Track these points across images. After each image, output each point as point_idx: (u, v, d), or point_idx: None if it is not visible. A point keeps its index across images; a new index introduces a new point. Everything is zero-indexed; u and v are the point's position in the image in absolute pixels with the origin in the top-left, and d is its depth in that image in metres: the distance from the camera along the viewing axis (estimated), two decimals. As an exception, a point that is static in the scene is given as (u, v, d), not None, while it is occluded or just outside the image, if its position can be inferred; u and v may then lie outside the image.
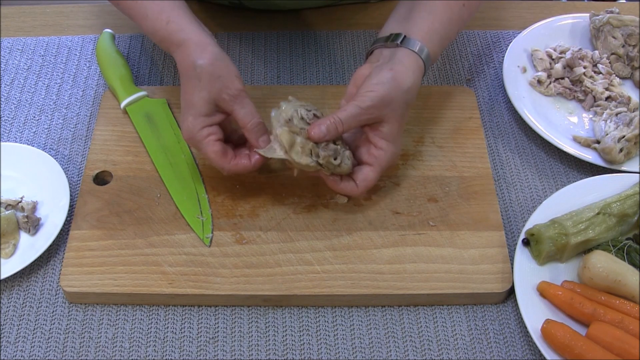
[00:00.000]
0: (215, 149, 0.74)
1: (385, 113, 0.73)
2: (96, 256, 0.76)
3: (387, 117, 0.74)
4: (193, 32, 0.76)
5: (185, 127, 0.75)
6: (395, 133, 0.75)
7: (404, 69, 0.75)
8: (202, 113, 0.74)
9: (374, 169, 0.75)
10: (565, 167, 0.87)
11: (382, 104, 0.73)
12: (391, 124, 0.74)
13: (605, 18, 0.96)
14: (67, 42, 1.02)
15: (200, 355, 0.71)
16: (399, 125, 0.75)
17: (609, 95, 0.92)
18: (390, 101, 0.73)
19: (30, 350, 0.72)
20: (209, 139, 0.74)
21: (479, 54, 1.01)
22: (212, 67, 0.73)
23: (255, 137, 0.75)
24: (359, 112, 0.73)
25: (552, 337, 0.68)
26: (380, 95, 0.73)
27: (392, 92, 0.73)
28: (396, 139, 0.75)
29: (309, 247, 0.77)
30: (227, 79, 0.74)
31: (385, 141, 0.75)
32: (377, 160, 0.75)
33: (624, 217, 0.75)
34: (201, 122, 0.74)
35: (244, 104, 0.75)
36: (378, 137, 0.75)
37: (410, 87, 0.74)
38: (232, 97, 0.74)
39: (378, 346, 0.72)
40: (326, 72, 0.98)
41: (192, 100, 0.74)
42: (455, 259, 0.76)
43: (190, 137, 0.75)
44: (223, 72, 0.74)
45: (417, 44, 0.76)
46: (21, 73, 0.98)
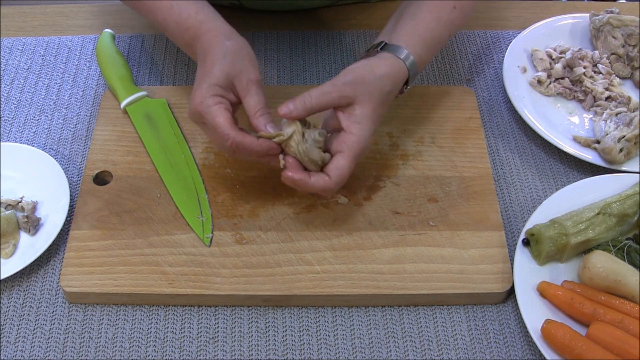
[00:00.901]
0: (226, 115, 0.71)
1: (357, 94, 0.72)
2: (96, 256, 0.76)
3: (359, 98, 0.72)
4: (221, 21, 0.78)
5: (197, 94, 0.72)
6: (368, 117, 0.72)
7: (378, 60, 0.76)
8: (219, 83, 0.72)
9: (344, 155, 0.71)
10: (565, 167, 0.87)
11: (354, 82, 0.73)
12: (363, 107, 0.72)
13: (605, 18, 0.96)
14: (67, 42, 1.02)
15: (200, 355, 0.71)
16: (372, 109, 0.73)
17: (609, 95, 0.92)
18: (362, 81, 0.73)
19: (30, 350, 0.72)
20: (219, 106, 0.72)
21: (479, 54, 1.01)
22: (240, 50, 0.74)
23: (262, 123, 0.72)
24: (330, 90, 0.72)
25: (552, 337, 0.68)
26: (353, 75, 0.73)
27: (365, 74, 0.74)
28: (368, 123, 0.72)
29: (309, 247, 0.77)
30: (250, 65, 0.74)
31: (356, 124, 0.72)
32: (348, 145, 0.71)
33: (624, 217, 0.75)
34: (215, 90, 0.72)
35: (258, 92, 0.74)
36: (349, 120, 0.72)
37: (384, 75, 0.74)
38: (250, 82, 0.73)
39: (378, 346, 0.72)
40: (326, 72, 0.98)
41: (211, 71, 0.73)
42: (455, 259, 0.76)
43: (200, 102, 0.71)
44: (246, 58, 0.74)
45: (395, 47, 0.77)
46: (21, 73, 0.98)
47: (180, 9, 0.77)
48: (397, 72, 0.76)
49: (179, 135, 0.86)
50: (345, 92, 0.72)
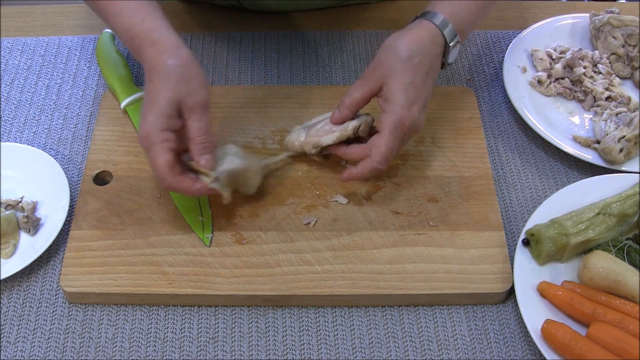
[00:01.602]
0: (166, 158, 0.70)
1: (381, 75, 0.75)
2: (96, 256, 0.76)
3: (384, 79, 0.74)
4: (168, 32, 0.74)
5: (144, 125, 0.70)
6: (397, 91, 0.73)
7: (398, 34, 0.77)
8: (164, 113, 0.70)
9: (380, 134, 0.74)
10: (565, 167, 0.87)
11: (375, 67, 0.76)
12: (389, 85, 0.74)
13: (605, 18, 0.96)
14: (67, 42, 1.02)
15: (200, 355, 0.71)
16: (399, 83, 0.73)
17: (609, 96, 0.92)
18: (381, 62, 0.75)
19: (30, 350, 0.72)
20: (163, 145, 0.70)
21: (479, 54, 1.01)
22: (184, 69, 0.71)
23: (199, 152, 0.71)
24: (359, 82, 0.76)
25: (552, 337, 0.68)
26: (374, 61, 0.76)
27: (380, 53, 0.76)
28: (399, 97, 0.73)
29: (309, 247, 0.77)
30: (196, 85, 0.72)
31: (387, 102, 0.74)
32: (383, 123, 0.74)
33: (624, 217, 0.75)
34: (161, 123, 0.70)
35: (202, 117, 0.72)
36: (382, 100, 0.75)
37: (404, 45, 0.75)
38: (194, 105, 0.71)
39: (378, 346, 0.72)
40: (326, 72, 0.98)
41: (156, 99, 0.70)
42: (455, 259, 0.76)
43: (146, 136, 0.70)
44: (193, 77, 0.72)
45: (428, 13, 0.78)
46: (21, 73, 0.98)
47: (128, 16, 0.74)
48: (422, 36, 0.76)
49: None
50: (370, 79, 0.75)
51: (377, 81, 0.75)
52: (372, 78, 0.75)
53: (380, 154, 0.73)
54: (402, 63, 0.74)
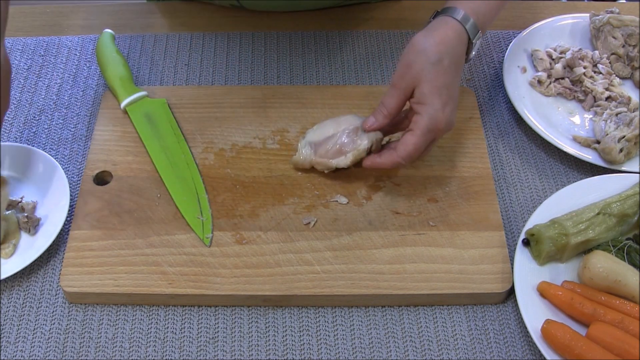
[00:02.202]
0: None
1: (411, 79, 0.75)
2: (96, 256, 0.76)
3: (415, 82, 0.75)
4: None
5: None
6: (429, 94, 0.74)
7: (422, 32, 0.77)
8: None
9: (412, 133, 0.75)
10: (565, 167, 0.87)
11: (403, 71, 0.76)
12: (421, 86, 0.74)
13: (605, 18, 0.96)
14: (67, 42, 1.02)
15: (200, 355, 0.71)
16: (430, 86, 0.74)
17: (609, 96, 0.92)
18: (408, 65, 0.75)
19: (30, 350, 0.72)
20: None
21: (479, 54, 1.01)
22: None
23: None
24: (392, 91, 0.77)
25: (552, 337, 0.68)
26: (400, 64, 0.76)
27: (409, 56, 0.75)
28: (433, 99, 0.74)
29: (309, 247, 0.77)
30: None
31: (419, 104, 0.75)
32: (415, 124, 0.75)
33: (624, 217, 0.75)
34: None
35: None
36: (414, 102, 0.76)
37: (431, 46, 0.74)
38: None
39: (378, 346, 0.72)
40: (326, 72, 0.98)
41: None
42: (455, 259, 0.76)
43: None
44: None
45: (449, 9, 0.77)
46: (21, 73, 0.98)
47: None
48: (449, 35, 0.76)
49: (179, 135, 0.86)
50: (402, 86, 0.76)
51: (409, 85, 0.75)
52: (404, 83, 0.76)
53: (406, 150, 0.75)
54: (434, 66, 0.74)
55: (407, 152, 0.75)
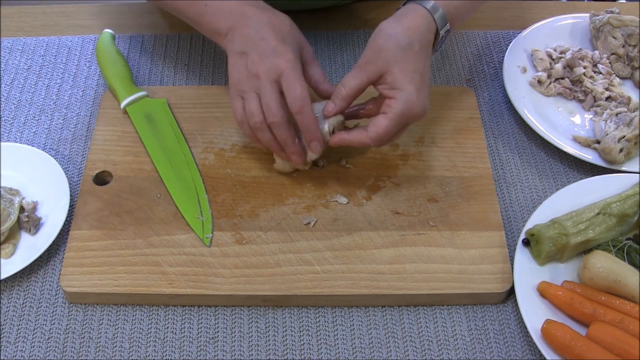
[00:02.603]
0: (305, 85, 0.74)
1: (381, 63, 0.74)
2: (96, 256, 0.76)
3: (385, 66, 0.74)
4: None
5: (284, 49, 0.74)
6: (401, 79, 0.73)
7: (391, 18, 0.77)
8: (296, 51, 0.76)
9: (385, 115, 0.74)
10: (565, 167, 0.87)
11: (373, 56, 0.75)
12: (392, 72, 0.74)
13: (605, 18, 0.96)
14: (67, 42, 1.02)
15: (200, 355, 0.71)
16: (401, 70, 0.74)
17: (609, 96, 0.92)
18: (379, 50, 0.74)
19: (30, 350, 0.72)
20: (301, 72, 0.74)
21: (479, 54, 1.01)
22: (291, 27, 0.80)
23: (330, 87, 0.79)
24: (356, 73, 0.75)
25: (552, 337, 0.68)
26: (369, 49, 0.75)
27: (378, 40, 0.75)
28: (406, 84, 0.73)
29: (309, 247, 0.77)
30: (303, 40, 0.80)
31: (392, 89, 0.74)
32: (389, 107, 0.74)
33: (624, 217, 0.75)
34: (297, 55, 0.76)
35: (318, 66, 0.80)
36: (386, 88, 0.75)
37: (400, 32, 0.74)
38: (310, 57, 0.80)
39: (378, 346, 0.72)
40: (326, 72, 0.98)
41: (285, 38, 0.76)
42: (455, 259, 0.76)
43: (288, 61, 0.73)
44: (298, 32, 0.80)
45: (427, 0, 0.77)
46: (21, 73, 0.98)
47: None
48: (418, 22, 0.76)
49: (179, 135, 0.86)
50: (370, 69, 0.75)
51: (377, 70, 0.74)
52: (372, 66, 0.75)
53: (377, 132, 0.74)
54: (405, 51, 0.74)
55: (377, 133, 0.74)
